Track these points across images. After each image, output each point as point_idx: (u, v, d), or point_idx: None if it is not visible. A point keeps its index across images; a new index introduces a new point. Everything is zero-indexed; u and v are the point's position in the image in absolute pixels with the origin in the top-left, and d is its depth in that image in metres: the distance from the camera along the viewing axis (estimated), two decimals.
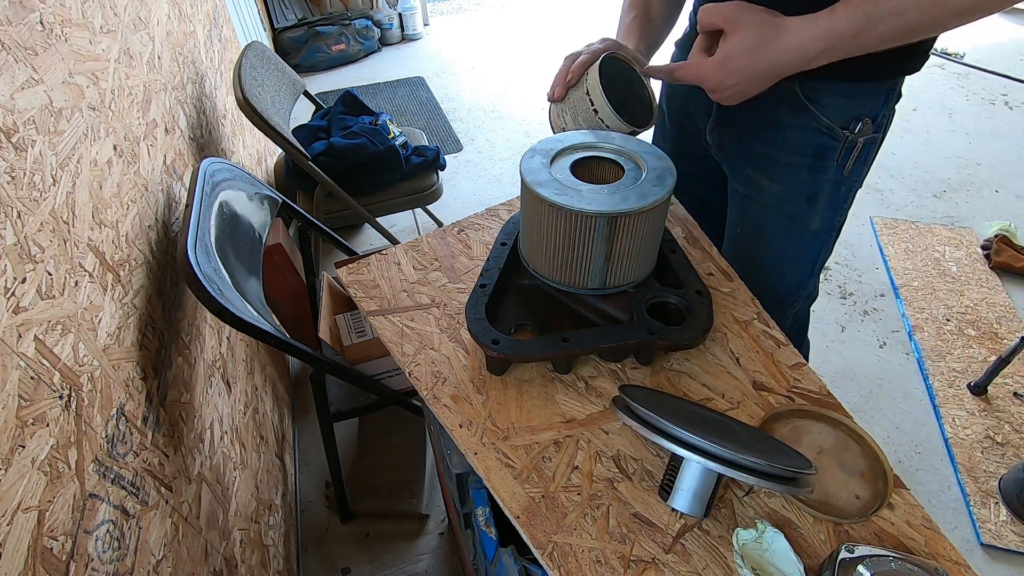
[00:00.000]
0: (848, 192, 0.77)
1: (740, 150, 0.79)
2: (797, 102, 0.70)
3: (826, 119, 0.70)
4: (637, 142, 0.64)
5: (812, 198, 0.76)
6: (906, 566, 0.42)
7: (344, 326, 1.21)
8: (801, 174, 0.75)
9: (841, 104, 0.70)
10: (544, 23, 3.84)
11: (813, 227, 0.79)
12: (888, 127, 0.74)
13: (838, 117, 0.70)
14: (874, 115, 0.70)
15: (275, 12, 3.29)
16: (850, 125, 0.70)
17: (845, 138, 0.71)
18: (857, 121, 0.70)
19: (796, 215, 0.78)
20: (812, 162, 0.73)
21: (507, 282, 0.67)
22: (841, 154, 0.72)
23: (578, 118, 0.72)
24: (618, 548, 0.49)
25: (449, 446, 0.60)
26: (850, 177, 0.75)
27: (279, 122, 1.40)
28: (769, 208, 0.80)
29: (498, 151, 2.65)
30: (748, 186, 0.80)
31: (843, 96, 0.69)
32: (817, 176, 0.74)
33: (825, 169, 0.74)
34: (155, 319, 0.79)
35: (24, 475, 0.46)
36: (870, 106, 0.70)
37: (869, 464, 0.53)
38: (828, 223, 0.80)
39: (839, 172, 0.74)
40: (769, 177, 0.77)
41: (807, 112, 0.70)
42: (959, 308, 1.82)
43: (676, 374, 0.61)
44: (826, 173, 0.74)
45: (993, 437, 1.48)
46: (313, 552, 1.33)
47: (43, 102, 0.61)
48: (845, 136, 0.71)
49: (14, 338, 0.48)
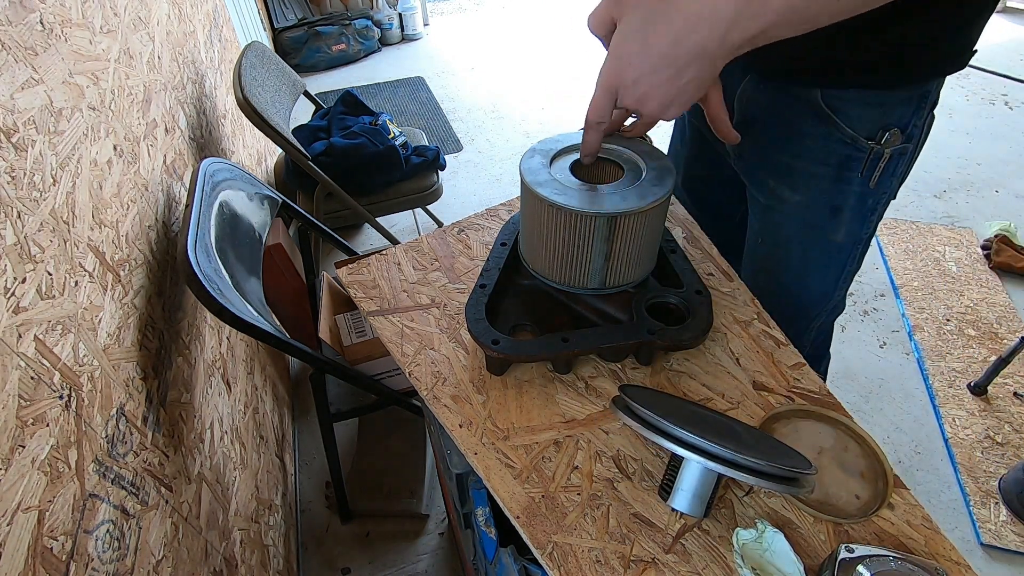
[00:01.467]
0: (876, 204, 0.73)
1: (761, 159, 0.76)
2: (819, 112, 0.67)
3: (850, 129, 0.66)
4: (637, 142, 0.64)
5: (836, 210, 0.73)
6: (906, 566, 0.42)
7: (344, 326, 1.21)
8: (824, 185, 0.71)
9: (866, 113, 0.65)
10: (544, 23, 3.84)
11: (837, 239, 0.75)
12: (924, 136, 0.69)
13: (863, 127, 0.66)
14: (903, 124, 0.66)
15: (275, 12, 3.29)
16: (876, 136, 0.66)
17: (870, 149, 0.66)
18: (884, 131, 0.65)
19: (819, 226, 0.75)
20: (836, 173, 0.70)
21: (507, 282, 0.67)
22: (866, 166, 0.68)
23: None
24: (618, 548, 0.49)
25: (449, 446, 0.60)
26: (877, 189, 0.71)
27: (279, 122, 1.40)
28: (791, 219, 0.76)
29: (498, 151, 2.65)
30: (769, 196, 0.77)
31: (868, 105, 0.65)
32: (841, 187, 0.71)
33: (849, 180, 0.70)
34: (155, 319, 0.79)
35: (24, 475, 0.46)
36: (898, 115, 0.65)
37: (869, 464, 0.53)
38: (854, 235, 0.76)
39: (864, 184, 0.70)
40: (791, 187, 0.74)
41: (829, 122, 0.67)
42: (959, 308, 1.82)
43: (676, 374, 0.61)
44: (850, 185, 0.70)
45: (993, 437, 1.48)
46: (313, 552, 1.33)
47: (43, 102, 0.61)
48: (870, 147, 0.66)
49: (14, 338, 0.48)
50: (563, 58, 3.40)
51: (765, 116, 0.71)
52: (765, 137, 0.73)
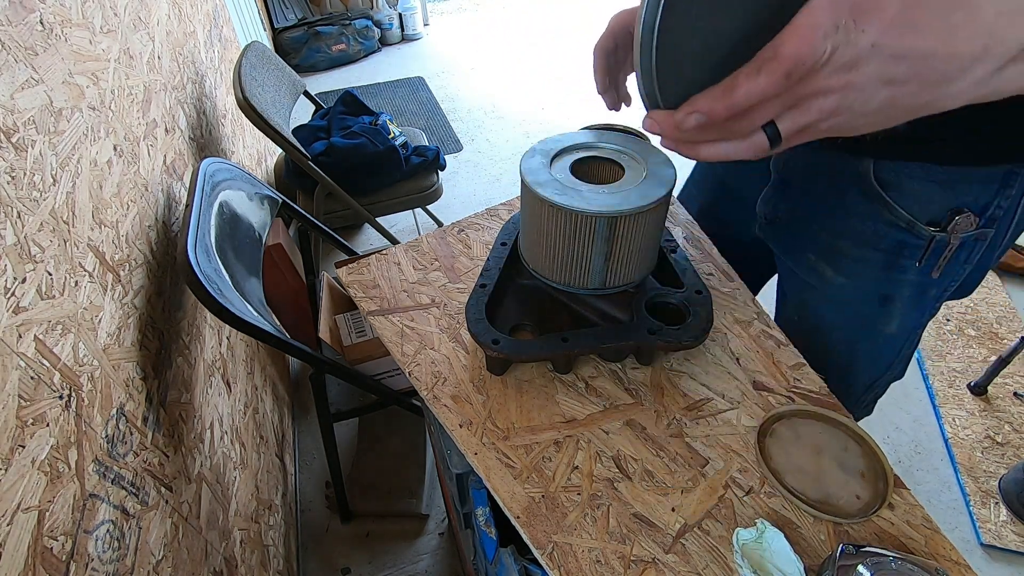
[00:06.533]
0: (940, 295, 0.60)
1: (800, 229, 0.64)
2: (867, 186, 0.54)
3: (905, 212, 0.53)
4: (637, 142, 0.64)
5: (886, 300, 0.60)
6: (906, 566, 0.42)
7: (344, 326, 1.21)
8: (872, 271, 0.59)
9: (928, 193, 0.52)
10: (544, 23, 3.84)
11: (889, 331, 0.63)
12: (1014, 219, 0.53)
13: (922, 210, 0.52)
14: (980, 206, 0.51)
15: (275, 12, 3.29)
16: (941, 221, 0.52)
17: (931, 238, 0.53)
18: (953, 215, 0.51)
19: (867, 316, 0.63)
20: (886, 259, 0.57)
21: (507, 282, 0.67)
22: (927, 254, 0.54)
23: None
24: (618, 548, 0.49)
25: (449, 446, 0.60)
26: (943, 279, 0.57)
27: (279, 122, 1.40)
28: (834, 303, 0.65)
29: (498, 151, 2.65)
30: (808, 272, 0.65)
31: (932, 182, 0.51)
32: (893, 276, 0.58)
33: (903, 269, 0.57)
34: (155, 319, 0.79)
35: (24, 475, 0.46)
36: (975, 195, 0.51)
37: (869, 464, 0.53)
38: (911, 324, 0.63)
39: (924, 274, 0.56)
40: (833, 268, 0.62)
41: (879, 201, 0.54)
42: (959, 308, 1.82)
43: (676, 374, 0.61)
44: (905, 274, 0.57)
45: (993, 437, 1.48)
46: (313, 552, 1.33)
47: (43, 102, 0.61)
48: (931, 235, 0.53)
49: (14, 338, 0.48)
50: (564, 58, 3.40)
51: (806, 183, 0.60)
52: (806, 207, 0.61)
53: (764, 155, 0.35)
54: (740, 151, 0.35)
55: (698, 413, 0.58)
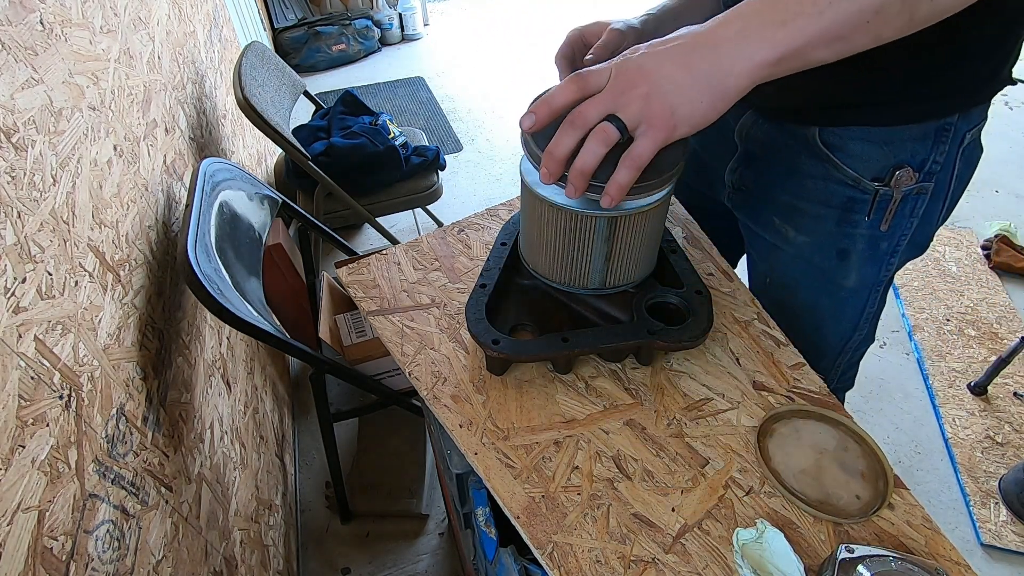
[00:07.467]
0: (893, 248, 0.65)
1: (765, 196, 0.70)
2: (815, 150, 0.61)
3: (851, 170, 0.59)
4: None
5: (843, 253, 0.66)
6: (906, 566, 0.42)
7: (344, 326, 1.21)
8: (828, 227, 0.65)
9: (869, 152, 0.58)
10: (544, 23, 3.84)
11: (848, 284, 0.68)
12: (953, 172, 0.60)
13: (866, 167, 0.59)
14: (918, 162, 0.58)
15: (275, 12, 3.29)
16: (884, 176, 0.58)
17: (875, 192, 0.60)
18: (893, 171, 0.58)
19: (827, 270, 0.68)
20: (839, 215, 0.63)
21: (507, 282, 0.67)
22: (873, 208, 0.61)
23: None
24: (618, 548, 0.49)
25: (449, 446, 0.60)
26: (893, 232, 0.63)
27: (279, 122, 1.40)
28: (797, 260, 0.70)
29: (498, 151, 2.65)
30: (774, 234, 0.71)
31: (872, 142, 0.58)
32: (846, 230, 0.64)
33: (855, 223, 0.63)
34: (155, 319, 0.79)
35: (24, 475, 0.46)
36: (911, 152, 0.57)
37: (869, 464, 0.53)
38: (868, 279, 0.68)
39: (874, 227, 0.63)
40: (794, 227, 0.68)
41: (828, 162, 0.61)
42: (959, 308, 1.82)
43: (676, 374, 0.61)
44: (857, 228, 0.63)
45: (993, 437, 1.48)
46: (313, 552, 1.33)
47: (43, 102, 0.61)
48: (875, 190, 0.59)
49: (14, 338, 0.48)
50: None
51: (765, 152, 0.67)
52: (768, 174, 0.69)
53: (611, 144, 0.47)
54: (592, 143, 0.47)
55: (698, 413, 0.58)
